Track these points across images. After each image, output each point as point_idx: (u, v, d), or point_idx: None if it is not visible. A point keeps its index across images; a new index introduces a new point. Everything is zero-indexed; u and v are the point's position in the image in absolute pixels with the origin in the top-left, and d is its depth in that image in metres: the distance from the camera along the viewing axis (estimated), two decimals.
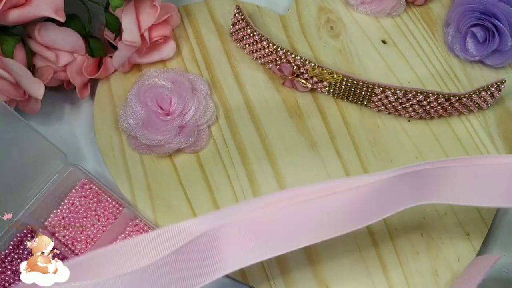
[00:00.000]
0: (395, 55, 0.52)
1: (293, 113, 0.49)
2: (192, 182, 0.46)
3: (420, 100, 0.46)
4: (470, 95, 0.46)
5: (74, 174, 0.45)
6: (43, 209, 0.45)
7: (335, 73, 0.46)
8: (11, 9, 0.42)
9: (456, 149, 0.47)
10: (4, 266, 0.43)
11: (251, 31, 0.48)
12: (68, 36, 0.45)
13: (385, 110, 0.48)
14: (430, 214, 0.45)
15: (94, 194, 0.46)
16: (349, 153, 0.47)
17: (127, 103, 0.47)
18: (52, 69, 0.45)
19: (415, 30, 0.53)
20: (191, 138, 0.46)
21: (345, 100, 0.49)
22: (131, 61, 0.49)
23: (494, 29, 0.48)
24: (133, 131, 0.46)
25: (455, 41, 0.51)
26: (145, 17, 0.46)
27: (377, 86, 0.46)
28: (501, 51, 0.49)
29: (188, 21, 0.53)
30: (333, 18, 0.53)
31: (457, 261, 0.43)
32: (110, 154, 0.47)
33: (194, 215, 0.45)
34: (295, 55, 0.47)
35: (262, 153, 0.47)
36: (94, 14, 0.48)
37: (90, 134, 0.50)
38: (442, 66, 0.51)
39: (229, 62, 0.51)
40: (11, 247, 0.44)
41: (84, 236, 0.44)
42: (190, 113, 0.46)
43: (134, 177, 0.46)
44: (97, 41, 0.48)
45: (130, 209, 0.44)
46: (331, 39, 0.52)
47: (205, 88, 0.48)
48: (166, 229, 0.32)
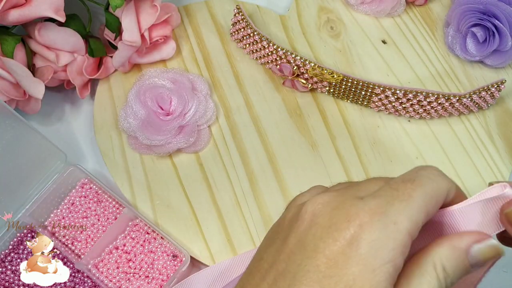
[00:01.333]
0: (395, 55, 0.52)
1: (293, 113, 0.49)
2: (192, 182, 0.46)
3: (420, 100, 0.46)
4: (470, 95, 0.46)
5: (74, 174, 0.45)
6: (43, 209, 0.45)
7: (335, 73, 0.46)
8: (11, 9, 0.42)
9: (456, 149, 0.47)
10: (4, 266, 0.43)
11: (251, 31, 0.48)
12: (68, 36, 0.45)
13: (385, 110, 0.48)
14: None
15: (94, 194, 0.46)
16: (349, 153, 0.47)
17: (127, 103, 0.47)
18: (52, 69, 0.45)
19: (415, 30, 0.53)
20: (191, 138, 0.46)
21: (345, 100, 0.49)
22: (131, 61, 0.49)
23: (494, 29, 0.48)
24: (133, 131, 0.46)
25: (455, 41, 0.51)
26: (145, 17, 0.46)
27: (377, 86, 0.46)
28: (501, 51, 0.49)
29: (188, 21, 0.53)
30: (333, 18, 0.53)
31: None
32: (110, 154, 0.47)
33: (194, 215, 0.45)
34: (295, 55, 0.47)
35: (262, 153, 0.47)
36: (94, 14, 0.48)
37: (90, 134, 0.50)
38: (442, 66, 0.51)
39: (229, 62, 0.51)
40: (11, 247, 0.44)
41: (84, 236, 0.44)
42: (190, 113, 0.46)
43: (134, 177, 0.46)
44: (97, 41, 0.48)
45: (130, 209, 0.44)
46: (331, 39, 0.52)
47: (205, 88, 0.48)
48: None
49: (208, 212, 0.45)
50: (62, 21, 0.43)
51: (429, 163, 0.46)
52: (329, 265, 0.26)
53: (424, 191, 0.26)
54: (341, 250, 0.25)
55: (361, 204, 0.26)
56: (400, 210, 0.26)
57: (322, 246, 0.26)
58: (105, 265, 0.43)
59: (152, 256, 0.43)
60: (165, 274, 0.43)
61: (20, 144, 0.42)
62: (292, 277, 0.26)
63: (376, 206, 0.26)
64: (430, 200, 0.26)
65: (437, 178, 0.27)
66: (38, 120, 0.50)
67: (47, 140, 0.43)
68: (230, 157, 0.47)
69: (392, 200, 0.26)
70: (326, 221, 0.27)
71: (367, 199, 0.27)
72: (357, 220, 0.26)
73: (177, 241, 0.44)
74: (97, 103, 0.49)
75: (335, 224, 0.26)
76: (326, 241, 0.26)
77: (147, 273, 0.43)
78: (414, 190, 0.26)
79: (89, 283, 0.43)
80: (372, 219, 0.25)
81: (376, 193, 0.27)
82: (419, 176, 0.27)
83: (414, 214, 0.26)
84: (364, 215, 0.26)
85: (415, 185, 0.26)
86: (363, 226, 0.25)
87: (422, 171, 0.27)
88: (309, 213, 0.28)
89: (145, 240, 0.44)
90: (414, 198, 0.26)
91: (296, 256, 0.27)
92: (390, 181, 0.28)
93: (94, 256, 0.43)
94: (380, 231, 0.25)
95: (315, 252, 0.26)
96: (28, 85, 0.44)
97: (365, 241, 0.25)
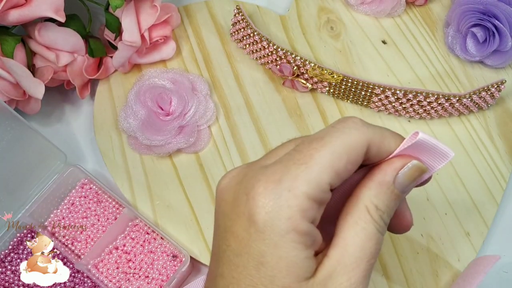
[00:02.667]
0: (395, 55, 0.51)
1: (293, 113, 0.49)
2: (192, 182, 0.46)
3: (420, 101, 0.46)
4: (470, 96, 0.46)
5: (74, 174, 0.45)
6: (43, 209, 0.45)
7: (335, 73, 0.46)
8: (11, 9, 0.42)
9: (456, 149, 0.47)
10: (4, 266, 0.43)
11: (251, 31, 0.48)
12: (68, 36, 0.45)
13: (385, 110, 0.48)
14: (430, 214, 0.45)
15: (94, 194, 0.46)
16: None
17: (127, 103, 0.47)
18: (52, 69, 0.45)
19: (415, 30, 0.53)
20: (191, 138, 0.46)
21: (345, 100, 0.49)
22: (131, 61, 0.49)
23: (494, 29, 0.48)
24: (133, 131, 0.46)
25: (455, 41, 0.51)
26: (145, 17, 0.46)
27: (377, 86, 0.46)
28: (501, 51, 0.49)
29: (188, 21, 0.53)
30: (333, 18, 0.53)
31: (457, 261, 0.43)
32: (110, 154, 0.47)
33: (194, 215, 0.45)
34: (295, 55, 0.47)
35: (262, 153, 0.47)
36: (94, 14, 0.48)
37: (90, 134, 0.50)
38: (442, 66, 0.51)
39: (229, 62, 0.51)
40: (11, 247, 0.44)
41: (84, 236, 0.44)
42: (190, 113, 0.46)
43: (134, 177, 0.46)
44: (97, 41, 0.48)
45: (130, 209, 0.44)
46: (331, 39, 0.52)
47: (205, 88, 0.48)
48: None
49: (208, 212, 0.45)
50: (62, 21, 0.43)
51: None
52: (237, 243, 0.25)
53: (331, 149, 0.25)
54: (243, 227, 0.25)
55: (260, 175, 0.25)
56: (296, 175, 0.24)
57: (229, 224, 0.25)
58: (105, 265, 0.43)
59: (152, 256, 0.43)
60: (165, 274, 0.43)
61: (20, 144, 0.42)
62: (216, 259, 0.26)
63: (272, 174, 0.25)
64: (338, 158, 0.25)
65: (352, 131, 0.25)
66: (38, 120, 0.50)
67: (47, 140, 0.43)
68: (230, 157, 0.47)
69: (289, 165, 0.25)
70: (231, 197, 0.26)
71: (268, 167, 0.25)
72: (252, 192, 0.24)
73: (177, 241, 0.44)
74: (97, 103, 0.49)
75: (237, 199, 0.25)
76: (231, 218, 0.25)
77: (147, 273, 0.43)
78: (318, 150, 0.25)
79: (89, 283, 0.43)
80: (266, 189, 0.24)
81: (278, 159, 0.26)
82: (331, 131, 0.25)
83: (315, 176, 0.24)
84: (259, 186, 0.24)
85: (321, 144, 0.25)
86: (256, 198, 0.24)
87: (339, 124, 0.26)
88: (219, 191, 0.27)
89: (145, 240, 0.44)
90: (316, 159, 0.24)
91: (216, 238, 0.27)
92: (300, 142, 0.26)
93: (94, 256, 0.43)
94: (275, 201, 0.24)
95: (225, 231, 0.26)
96: (28, 85, 0.44)
97: (260, 215, 0.24)
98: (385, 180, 0.26)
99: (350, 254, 0.25)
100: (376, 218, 0.26)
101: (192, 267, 0.44)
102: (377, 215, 0.26)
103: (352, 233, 0.25)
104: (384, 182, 0.26)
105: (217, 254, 0.27)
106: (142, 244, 0.44)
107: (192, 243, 0.44)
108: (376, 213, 0.26)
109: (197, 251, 0.44)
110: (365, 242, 0.25)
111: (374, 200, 0.26)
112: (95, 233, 0.44)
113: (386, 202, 0.26)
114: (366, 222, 0.25)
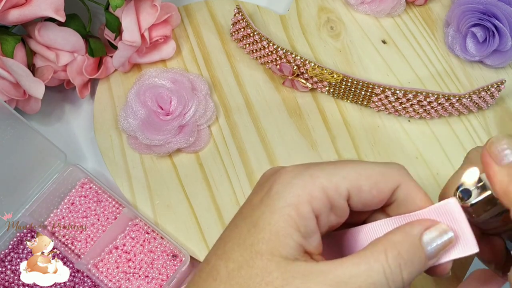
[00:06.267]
0: (395, 55, 0.52)
1: (293, 113, 0.49)
2: (192, 182, 0.46)
3: (420, 100, 0.46)
4: (470, 95, 0.46)
5: (74, 173, 0.45)
6: (43, 208, 0.45)
7: (335, 73, 0.46)
8: (11, 9, 0.42)
9: (456, 149, 0.47)
10: (4, 266, 0.43)
11: (251, 31, 0.48)
12: (68, 36, 0.45)
13: (385, 110, 0.48)
14: None
15: (94, 193, 0.46)
16: (349, 153, 0.47)
17: (127, 103, 0.47)
18: (52, 69, 0.45)
19: (415, 30, 0.53)
20: (191, 138, 0.46)
21: (345, 100, 0.49)
22: (131, 61, 0.49)
23: (494, 29, 0.48)
24: (133, 131, 0.46)
25: (455, 41, 0.51)
26: (145, 17, 0.46)
27: (377, 86, 0.46)
28: (501, 51, 0.49)
29: (188, 21, 0.53)
30: (333, 18, 0.53)
31: None
32: (110, 154, 0.47)
33: (194, 215, 0.45)
34: (295, 55, 0.47)
35: (262, 153, 0.47)
36: (94, 14, 0.48)
37: (90, 134, 0.50)
38: (442, 66, 0.51)
39: (229, 62, 0.51)
40: (11, 247, 0.44)
41: (84, 236, 0.44)
42: (190, 113, 0.46)
43: (134, 177, 0.46)
44: (97, 41, 0.48)
45: (130, 208, 0.44)
46: (331, 39, 0.52)
47: (205, 88, 0.48)
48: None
49: (208, 212, 0.45)
50: (62, 21, 0.43)
51: (429, 163, 0.47)
52: (247, 209, 0.28)
53: (364, 169, 0.27)
54: (260, 196, 0.27)
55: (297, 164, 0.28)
56: (323, 169, 0.27)
57: (250, 197, 0.28)
58: (105, 265, 0.43)
59: (151, 256, 0.43)
60: (165, 274, 0.43)
61: (20, 144, 0.42)
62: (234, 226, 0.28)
63: (305, 164, 0.28)
64: (366, 177, 0.27)
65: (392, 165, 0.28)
66: (38, 120, 0.50)
67: (47, 140, 0.43)
68: (230, 157, 0.47)
69: (324, 164, 0.27)
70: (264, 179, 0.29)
71: None
72: (283, 169, 0.27)
73: (177, 241, 0.44)
74: (97, 103, 0.49)
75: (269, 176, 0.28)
76: (255, 191, 0.28)
77: (147, 273, 0.43)
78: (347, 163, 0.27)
79: (89, 283, 0.43)
80: (294, 170, 0.27)
81: None
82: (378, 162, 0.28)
83: (336, 176, 0.26)
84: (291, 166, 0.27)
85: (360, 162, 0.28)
86: (281, 173, 0.27)
87: None
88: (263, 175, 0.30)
89: (144, 240, 0.44)
90: (344, 166, 0.27)
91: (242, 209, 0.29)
92: None
93: (94, 256, 0.43)
94: (293, 177, 0.26)
95: (245, 203, 0.28)
96: (28, 85, 0.44)
97: (276, 185, 0.27)
98: (412, 232, 0.26)
99: (339, 273, 0.24)
100: (390, 263, 0.25)
101: (192, 266, 0.44)
102: (395, 262, 0.25)
103: (356, 259, 0.25)
104: (410, 233, 0.26)
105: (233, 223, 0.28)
106: (142, 243, 0.44)
107: (192, 242, 0.44)
108: (395, 260, 0.25)
109: (197, 250, 0.44)
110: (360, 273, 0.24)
111: (397, 246, 0.25)
112: (95, 233, 0.44)
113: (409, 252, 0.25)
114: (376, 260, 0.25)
